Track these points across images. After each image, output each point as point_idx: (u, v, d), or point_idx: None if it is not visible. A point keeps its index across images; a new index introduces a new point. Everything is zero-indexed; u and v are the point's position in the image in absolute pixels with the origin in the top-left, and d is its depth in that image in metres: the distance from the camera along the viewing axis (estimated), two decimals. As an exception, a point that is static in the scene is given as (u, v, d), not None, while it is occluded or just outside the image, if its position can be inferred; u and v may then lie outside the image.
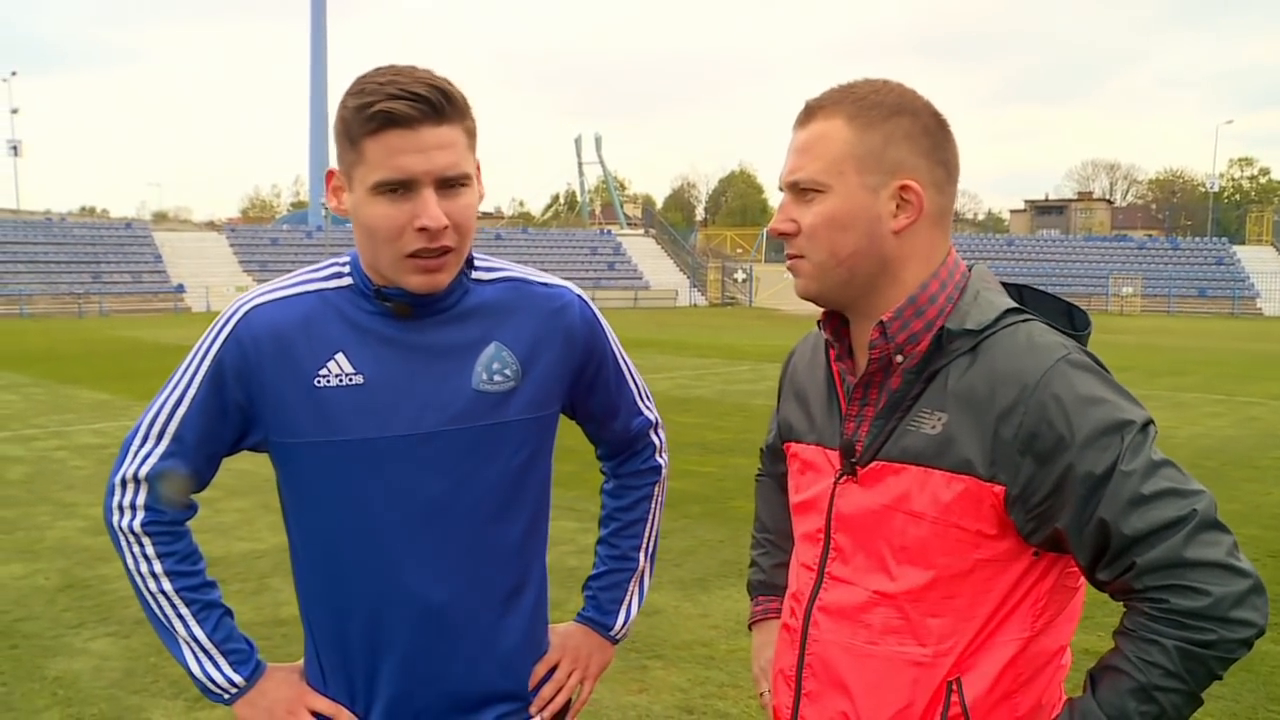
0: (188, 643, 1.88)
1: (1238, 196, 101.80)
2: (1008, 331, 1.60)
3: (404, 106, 1.68)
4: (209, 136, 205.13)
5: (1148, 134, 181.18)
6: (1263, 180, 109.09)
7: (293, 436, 1.83)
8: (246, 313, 1.84)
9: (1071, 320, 1.68)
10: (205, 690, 1.90)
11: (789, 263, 1.73)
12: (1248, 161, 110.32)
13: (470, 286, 1.88)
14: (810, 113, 1.68)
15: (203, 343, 1.86)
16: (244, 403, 1.84)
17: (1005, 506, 1.55)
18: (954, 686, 1.61)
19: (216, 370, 1.83)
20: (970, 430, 1.56)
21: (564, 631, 2.12)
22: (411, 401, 1.82)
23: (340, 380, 1.81)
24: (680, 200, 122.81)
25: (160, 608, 1.88)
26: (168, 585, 1.87)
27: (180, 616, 1.88)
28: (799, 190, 1.67)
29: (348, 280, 1.86)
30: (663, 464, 2.21)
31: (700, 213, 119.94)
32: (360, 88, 1.72)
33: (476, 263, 1.92)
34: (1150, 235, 74.22)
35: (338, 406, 1.81)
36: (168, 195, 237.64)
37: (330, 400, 1.81)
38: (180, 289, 48.51)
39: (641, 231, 66.75)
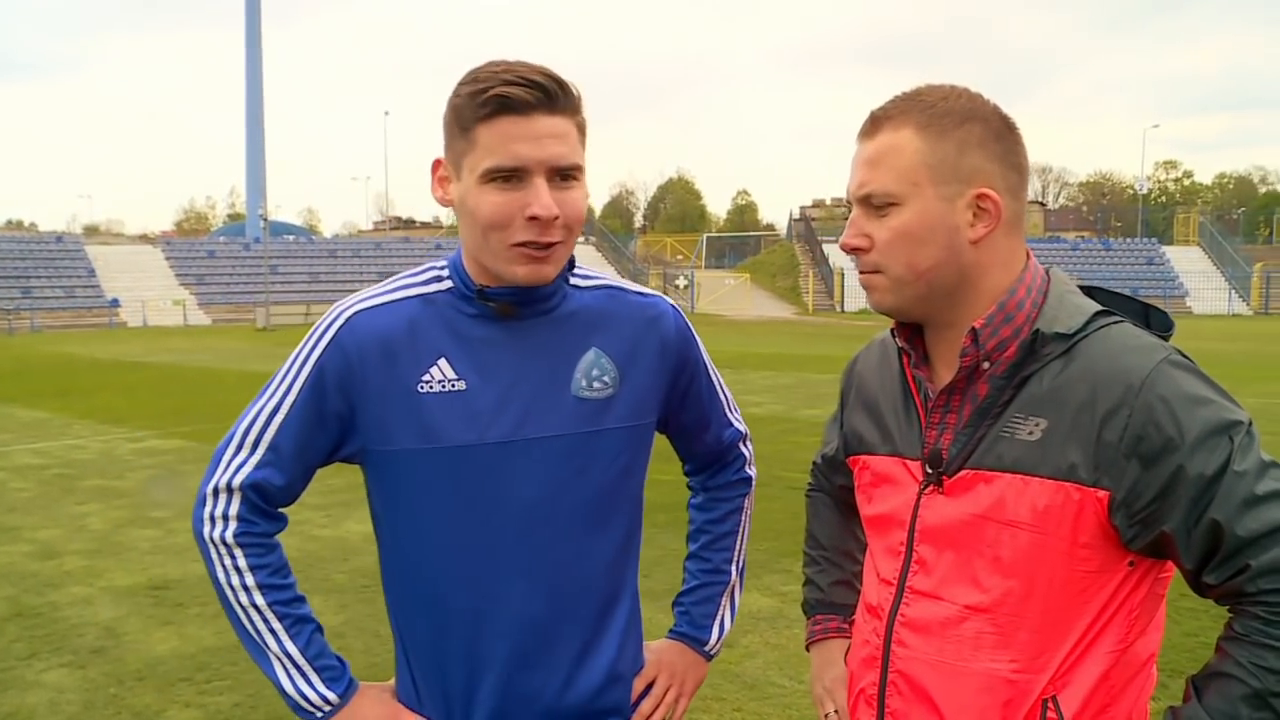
0: (280, 659, 1.82)
1: (1164, 199, 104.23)
2: (1101, 334, 1.57)
3: (520, 92, 1.67)
4: (140, 148, 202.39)
5: (1078, 138, 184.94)
6: (1186, 183, 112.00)
7: (392, 444, 1.79)
8: (349, 318, 1.81)
9: (1148, 322, 1.65)
10: (297, 708, 1.84)
11: (863, 277, 1.68)
12: (1172, 164, 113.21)
13: (569, 291, 1.86)
14: (877, 123, 1.64)
15: (302, 349, 1.82)
16: (344, 412, 1.80)
17: (1109, 512, 1.51)
18: (1050, 704, 1.56)
19: (318, 378, 1.79)
20: (1072, 434, 1.51)
21: (658, 648, 2.09)
22: (512, 408, 1.79)
23: (443, 386, 1.78)
24: (619, 207, 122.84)
25: (251, 622, 1.81)
26: (260, 599, 1.81)
27: (272, 631, 1.81)
28: (870, 204, 1.63)
29: (447, 284, 1.84)
30: (753, 475, 2.20)
31: (639, 219, 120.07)
32: (474, 75, 1.71)
33: (576, 269, 1.90)
34: (1083, 237, 75.63)
35: (439, 413, 1.77)
36: (98, 208, 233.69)
37: (432, 407, 1.77)
38: (115, 303, 47.74)
39: (582, 238, 66.48)
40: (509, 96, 1.66)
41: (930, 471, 1.65)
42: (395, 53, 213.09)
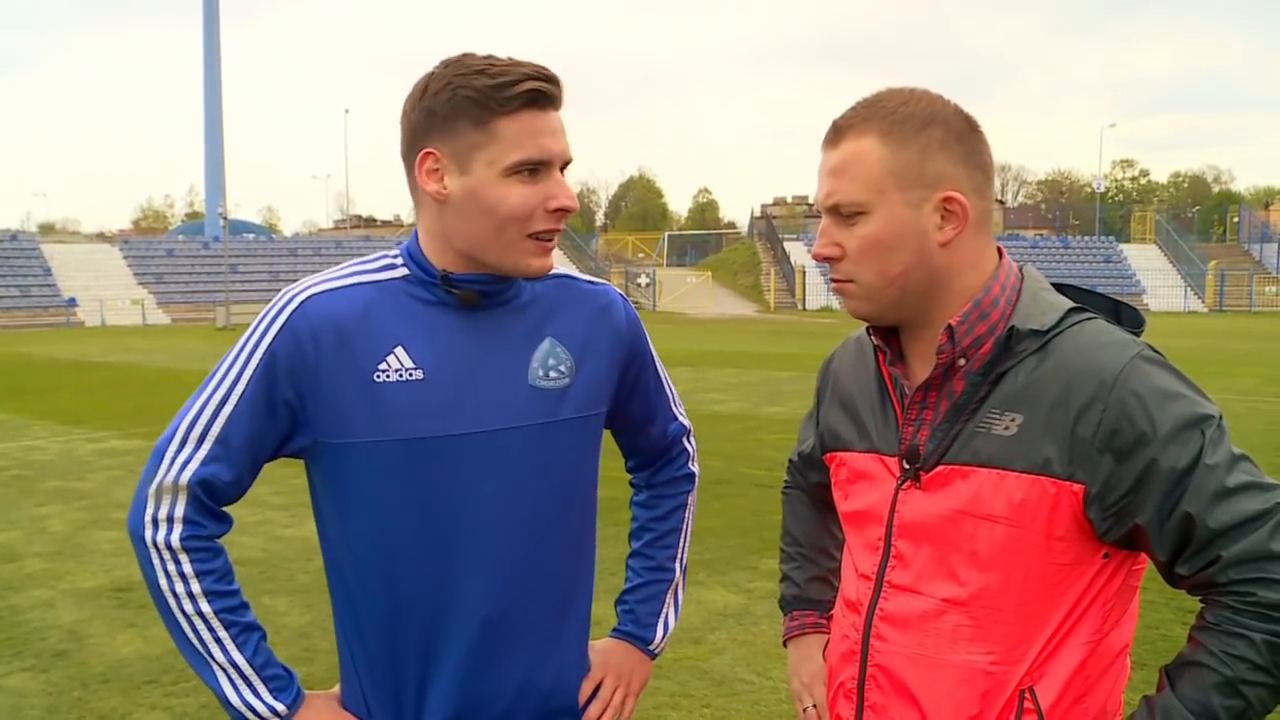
0: (224, 669, 1.74)
1: (1120, 196, 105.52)
2: (1074, 330, 1.59)
3: (547, 87, 1.68)
4: (97, 146, 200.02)
5: (1037, 137, 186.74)
6: (1143, 181, 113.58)
7: (347, 436, 1.74)
8: (302, 302, 1.74)
9: (1118, 318, 1.68)
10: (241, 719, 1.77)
11: (835, 285, 1.70)
12: (1129, 163, 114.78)
13: (523, 282, 1.84)
14: (839, 132, 1.65)
15: (250, 335, 1.75)
16: (294, 401, 1.74)
17: (1083, 506, 1.54)
18: (1027, 694, 1.59)
19: (268, 364, 1.72)
20: (1047, 429, 1.54)
21: (603, 648, 2.06)
22: (470, 398, 1.76)
23: (400, 375, 1.73)
24: (580, 205, 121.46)
25: (196, 631, 1.73)
26: (205, 606, 1.73)
27: (218, 640, 1.74)
28: (839, 213, 1.64)
29: (402, 271, 1.80)
30: (696, 472, 2.18)
31: (600, 218, 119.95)
32: (482, 69, 1.67)
33: None
34: (1041, 234, 76.36)
35: (396, 403, 1.72)
36: (54, 206, 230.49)
37: (389, 396, 1.72)
38: (72, 303, 47.09)
39: (544, 237, 65.92)
40: (540, 91, 1.67)
41: (907, 467, 1.67)
42: (355, 51, 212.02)
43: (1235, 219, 70.45)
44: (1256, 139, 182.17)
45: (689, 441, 2.17)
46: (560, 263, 1.87)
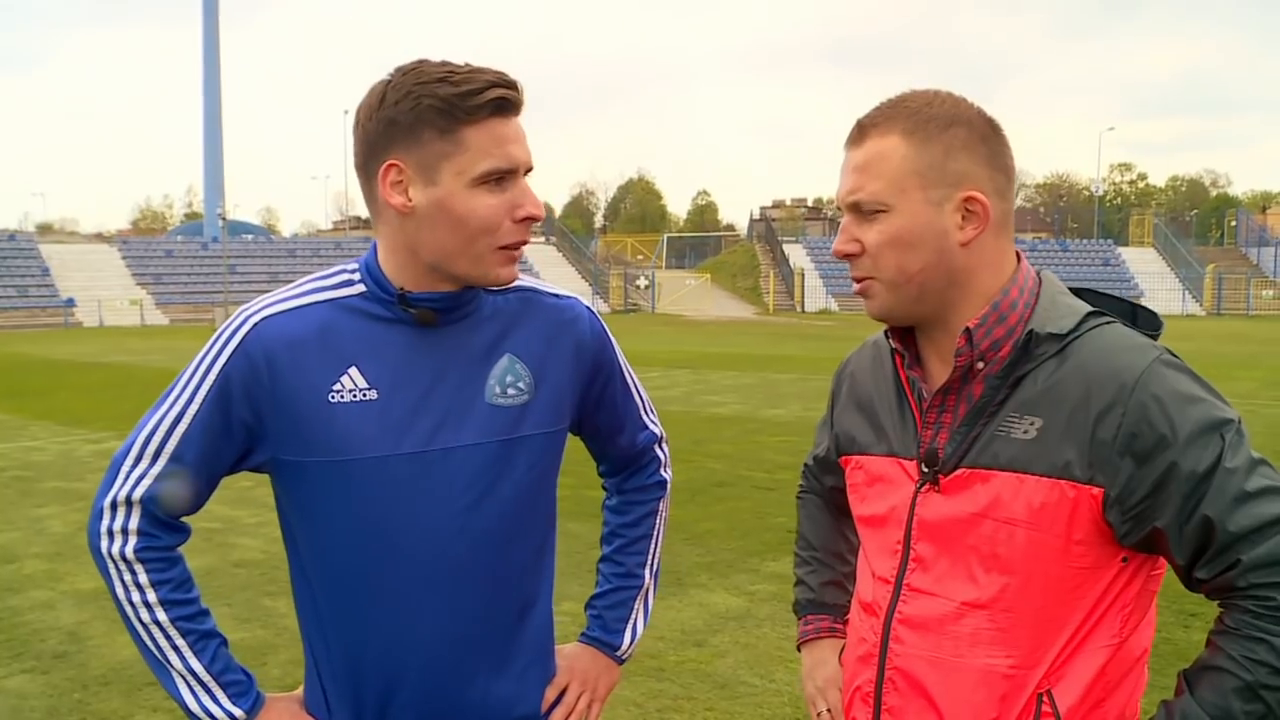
0: (183, 676, 1.76)
1: (1119, 200, 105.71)
2: (1093, 334, 1.60)
3: (513, 94, 1.66)
4: (96, 146, 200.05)
5: (1035, 140, 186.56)
6: (1141, 185, 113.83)
7: (302, 455, 1.74)
8: (256, 324, 1.74)
9: (1135, 321, 1.68)
10: None
11: (856, 285, 1.70)
12: (1127, 167, 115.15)
13: (485, 297, 1.82)
14: (863, 130, 1.65)
15: (206, 354, 1.75)
16: (250, 421, 1.73)
17: (1103, 509, 1.54)
18: (1045, 698, 1.59)
19: (223, 385, 1.72)
20: (1067, 433, 1.54)
21: (570, 653, 2.05)
22: (426, 417, 1.75)
23: (354, 395, 1.73)
24: (579, 207, 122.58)
25: (153, 639, 1.75)
26: (162, 615, 1.75)
27: (175, 648, 1.75)
28: (860, 210, 1.65)
29: (359, 287, 1.78)
30: (668, 479, 2.16)
31: (600, 220, 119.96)
32: (445, 75, 1.64)
33: None
34: (1040, 237, 76.42)
35: (351, 423, 1.72)
36: (52, 206, 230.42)
37: (343, 417, 1.72)
38: (70, 303, 47.08)
39: (542, 239, 66.39)
40: (507, 99, 1.65)
41: (926, 470, 1.67)
42: (354, 51, 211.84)
43: (1233, 223, 70.62)
44: (1254, 143, 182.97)
45: (661, 449, 2.15)
46: (559, 264, 1.87)
